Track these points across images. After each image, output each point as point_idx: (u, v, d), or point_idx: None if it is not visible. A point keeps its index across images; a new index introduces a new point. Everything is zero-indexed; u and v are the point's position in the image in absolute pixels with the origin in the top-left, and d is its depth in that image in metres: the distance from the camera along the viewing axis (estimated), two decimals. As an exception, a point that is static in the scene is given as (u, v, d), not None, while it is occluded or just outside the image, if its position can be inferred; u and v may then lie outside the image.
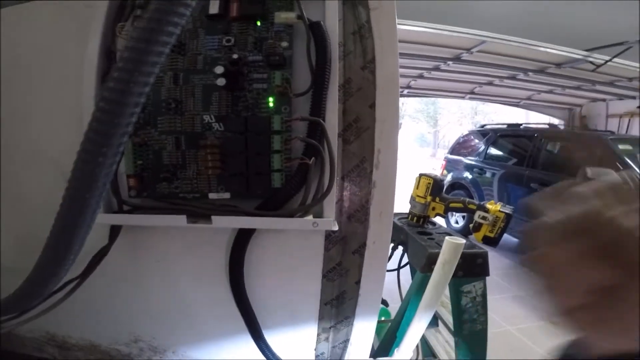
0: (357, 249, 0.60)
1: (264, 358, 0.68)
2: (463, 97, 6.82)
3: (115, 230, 0.61)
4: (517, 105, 6.98)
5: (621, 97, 5.50)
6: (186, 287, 0.68)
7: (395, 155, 0.57)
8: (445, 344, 1.53)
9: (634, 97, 5.20)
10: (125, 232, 0.62)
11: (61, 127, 0.63)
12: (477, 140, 4.82)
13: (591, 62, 3.81)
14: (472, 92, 6.30)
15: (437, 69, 4.73)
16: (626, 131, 5.48)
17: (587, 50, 3.58)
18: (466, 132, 5.32)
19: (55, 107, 0.64)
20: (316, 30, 0.53)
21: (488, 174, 4.28)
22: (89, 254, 0.61)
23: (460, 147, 5.10)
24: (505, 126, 4.63)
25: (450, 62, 4.37)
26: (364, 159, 0.56)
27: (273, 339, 0.68)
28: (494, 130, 4.60)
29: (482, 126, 5.26)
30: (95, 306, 0.69)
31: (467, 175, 4.57)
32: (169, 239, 0.64)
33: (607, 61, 3.65)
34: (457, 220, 4.23)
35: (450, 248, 0.66)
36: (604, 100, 5.92)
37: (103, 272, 0.61)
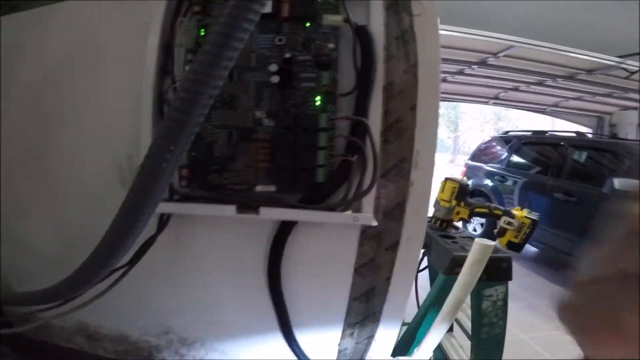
0: (390, 245, 0.62)
1: (292, 355, 0.70)
2: (487, 103, 6.71)
3: (163, 220, 0.64)
4: (543, 112, 6.82)
5: (655, 106, 5.31)
6: (222, 280, 0.70)
7: (433, 156, 0.59)
8: (458, 347, 1.54)
9: (667, 107, 5.01)
10: (171, 222, 0.64)
11: (118, 118, 0.66)
12: (499, 147, 4.74)
13: (624, 69, 3.70)
14: (496, 98, 6.19)
15: (461, 72, 4.68)
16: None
17: (620, 57, 3.48)
18: (488, 138, 5.24)
19: (113, 100, 0.67)
20: (362, 34, 0.55)
21: (509, 182, 4.20)
22: (136, 243, 0.64)
23: (481, 153, 5.02)
24: (530, 133, 4.54)
25: (475, 66, 4.31)
26: (404, 159, 0.59)
27: (300, 331, 0.70)
28: (518, 137, 4.51)
29: (506, 132, 5.17)
30: (130, 296, 0.69)
31: (488, 182, 4.50)
32: (212, 230, 0.66)
33: (640, 68, 3.54)
34: (475, 227, 4.18)
35: (480, 249, 0.68)
36: (635, 108, 5.72)
37: (142, 263, 0.63)
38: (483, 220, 4.07)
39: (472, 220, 3.88)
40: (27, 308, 0.65)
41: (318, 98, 0.55)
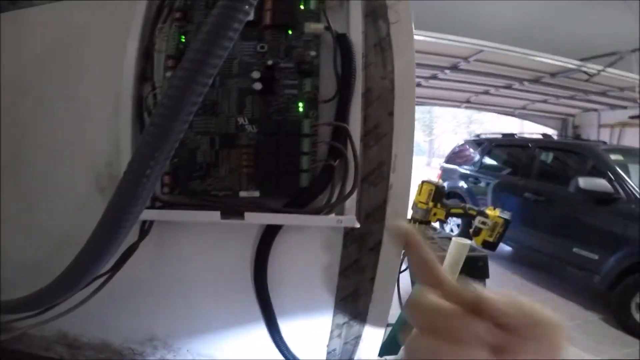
0: (373, 246, 0.64)
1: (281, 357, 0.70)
2: (459, 106, 6.93)
3: (145, 227, 0.63)
4: (512, 114, 7.11)
5: (613, 107, 5.64)
6: (207, 286, 0.70)
7: (410, 159, 0.61)
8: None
9: (625, 107, 5.33)
10: (153, 229, 0.64)
11: (96, 124, 0.65)
12: (472, 150, 4.91)
13: (585, 72, 3.92)
14: (468, 101, 6.41)
15: (434, 77, 4.82)
16: (617, 141, 5.61)
17: (581, 60, 3.68)
18: (462, 142, 5.41)
19: (92, 105, 0.66)
20: (342, 42, 0.57)
21: (482, 184, 4.36)
22: (118, 251, 0.63)
23: (455, 156, 5.19)
24: (500, 136, 4.72)
25: (447, 71, 4.45)
26: (383, 163, 0.61)
27: (288, 335, 0.70)
28: (489, 140, 4.69)
29: (478, 136, 5.36)
30: (113, 303, 0.68)
31: (462, 184, 4.65)
32: (195, 237, 0.66)
33: (600, 71, 3.77)
34: (451, 229, 4.30)
35: (457, 247, 0.70)
36: (596, 110, 6.06)
37: (124, 269, 0.62)
38: (459, 221, 4.20)
39: (448, 221, 3.99)
40: (4, 317, 0.62)
41: (300, 104, 0.56)
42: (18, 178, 0.70)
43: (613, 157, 3.15)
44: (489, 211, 1.19)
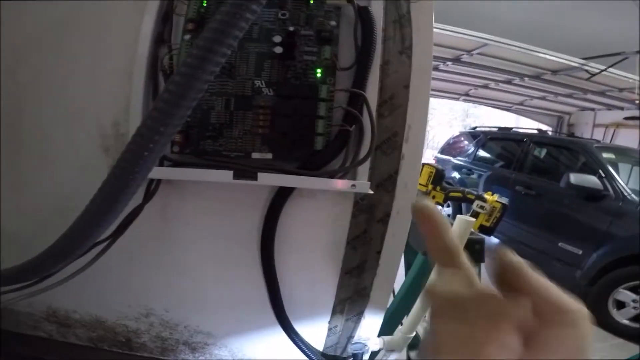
0: (381, 218, 0.65)
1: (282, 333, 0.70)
2: (457, 99, 6.93)
3: (151, 188, 0.61)
4: (508, 109, 7.14)
5: (610, 107, 5.70)
6: (210, 254, 0.69)
7: (424, 131, 0.62)
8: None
9: (621, 108, 5.39)
10: (159, 191, 0.61)
11: (106, 83, 0.64)
12: (467, 142, 4.94)
13: (587, 71, 3.93)
14: (466, 94, 6.41)
15: (435, 68, 4.80)
16: (610, 141, 5.69)
17: (584, 59, 3.69)
18: (457, 133, 5.44)
19: (99, 65, 0.64)
20: (364, 14, 0.58)
21: (475, 175, 4.40)
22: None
23: (450, 147, 5.22)
24: (496, 129, 4.75)
25: (449, 63, 4.43)
26: (396, 133, 0.61)
27: (291, 308, 0.70)
28: (485, 133, 4.72)
29: (474, 128, 5.38)
30: (107, 276, 0.65)
31: (455, 175, 4.69)
32: (201, 201, 0.65)
33: (602, 70, 3.78)
34: (448, 214, 4.36)
35: (462, 224, 0.72)
36: (592, 109, 6.12)
37: (123, 236, 0.59)
38: (450, 210, 4.25)
39: (442, 206, 4.03)
40: None
41: (319, 70, 0.56)
42: (17, 139, 0.66)
43: (605, 155, 3.20)
44: (487, 196, 1.21)
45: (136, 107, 0.60)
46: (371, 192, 0.57)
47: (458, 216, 0.73)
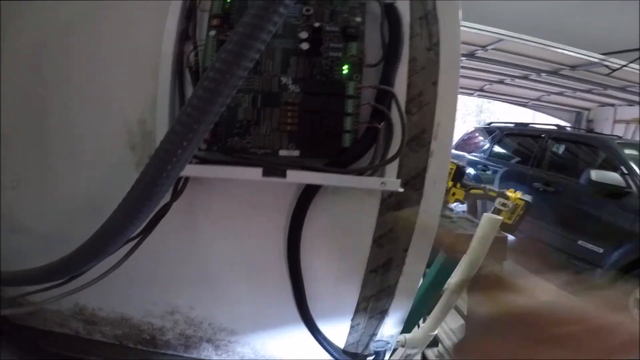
0: (409, 215, 0.64)
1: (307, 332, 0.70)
2: (471, 94, 6.82)
3: (178, 187, 0.61)
4: (525, 105, 6.99)
5: (631, 102, 5.53)
6: (236, 251, 0.69)
7: (452, 129, 0.61)
8: (449, 331, 1.60)
9: (643, 104, 5.22)
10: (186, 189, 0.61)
11: (130, 80, 0.64)
12: (481, 138, 4.86)
13: (607, 66, 3.82)
14: (481, 90, 6.30)
15: (450, 63, 4.72)
16: (631, 137, 5.53)
17: (604, 54, 3.59)
18: (472, 129, 5.36)
19: (125, 62, 0.64)
20: (390, 11, 0.57)
21: (490, 172, 4.33)
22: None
23: (464, 143, 5.14)
24: (512, 125, 4.66)
25: (464, 59, 4.37)
26: (424, 130, 0.60)
27: (313, 305, 0.70)
28: (500, 129, 4.64)
29: (489, 124, 5.30)
30: (133, 274, 0.65)
31: (470, 171, 4.62)
32: (228, 201, 0.65)
33: (623, 66, 3.67)
34: (463, 210, 4.30)
35: (489, 223, 0.70)
36: (612, 105, 5.95)
37: (151, 235, 0.59)
38: (464, 207, 4.20)
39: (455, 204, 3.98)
40: (18, 290, 0.59)
41: (345, 67, 0.56)
42: (42, 135, 0.67)
43: (627, 151, 3.11)
44: (510, 193, 1.19)
45: (162, 104, 0.59)
46: (401, 189, 0.56)
47: (485, 214, 0.71)
